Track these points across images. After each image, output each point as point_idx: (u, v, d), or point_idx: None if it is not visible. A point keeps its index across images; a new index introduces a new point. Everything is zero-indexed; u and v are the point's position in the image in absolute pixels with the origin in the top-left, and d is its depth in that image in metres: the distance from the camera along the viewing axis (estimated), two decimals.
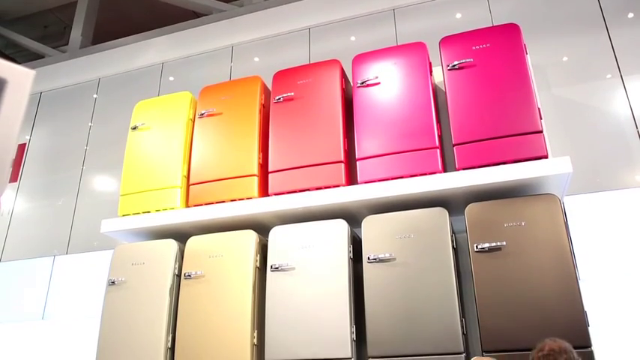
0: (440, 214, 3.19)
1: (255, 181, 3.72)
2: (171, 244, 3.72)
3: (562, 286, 2.87)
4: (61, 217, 5.63)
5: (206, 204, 3.79)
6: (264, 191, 3.72)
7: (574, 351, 2.22)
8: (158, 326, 3.53)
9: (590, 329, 2.81)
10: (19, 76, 1.35)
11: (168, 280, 3.62)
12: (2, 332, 5.19)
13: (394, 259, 3.14)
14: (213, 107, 4.06)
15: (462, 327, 2.96)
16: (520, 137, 3.18)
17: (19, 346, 5.03)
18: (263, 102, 4.02)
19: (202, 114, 4.07)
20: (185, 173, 3.99)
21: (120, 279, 3.74)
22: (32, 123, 6.47)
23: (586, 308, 2.84)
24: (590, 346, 2.77)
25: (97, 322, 3.76)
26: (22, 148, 6.33)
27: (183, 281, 3.58)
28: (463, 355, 2.89)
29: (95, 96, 6.28)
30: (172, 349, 3.48)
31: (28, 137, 6.39)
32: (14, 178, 6.15)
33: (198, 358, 3.33)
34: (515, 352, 2.67)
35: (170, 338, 3.51)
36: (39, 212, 5.85)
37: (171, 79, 5.97)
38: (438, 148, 3.35)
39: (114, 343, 3.61)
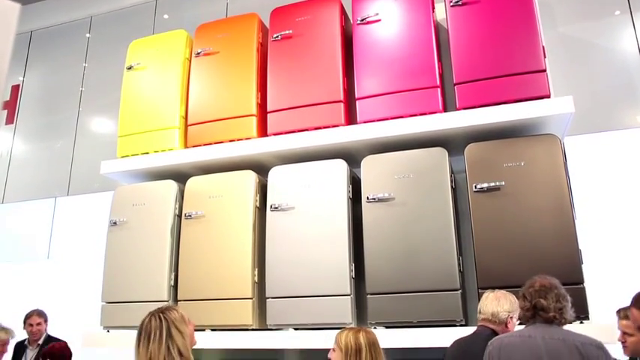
0: (439, 154, 3.18)
1: (254, 121, 3.69)
2: (171, 185, 3.74)
3: (558, 225, 2.90)
4: (60, 159, 5.63)
5: (205, 144, 3.77)
6: (262, 131, 3.69)
7: (562, 287, 2.26)
8: (161, 265, 3.60)
9: (584, 267, 2.87)
10: (4, 9, 1.29)
11: (169, 221, 3.66)
12: (9, 271, 5.31)
13: (393, 198, 3.16)
14: (210, 46, 3.96)
15: (459, 265, 3.02)
16: (523, 76, 3.12)
17: (26, 285, 5.15)
18: (261, 40, 3.92)
19: (199, 53, 3.98)
20: (183, 114, 3.95)
21: (121, 219, 3.78)
22: (25, 63, 6.34)
23: (580, 247, 2.89)
24: (582, 282, 2.84)
25: (101, 262, 3.85)
26: (16, 89, 6.24)
27: (183, 221, 3.62)
28: (459, 292, 2.96)
29: (88, 35, 6.12)
30: (175, 286, 3.57)
31: (21, 78, 6.28)
32: (10, 119, 6.10)
33: (200, 296, 3.41)
34: (510, 289, 2.74)
35: (173, 276, 3.59)
36: (37, 154, 5.84)
37: (165, 16, 5.79)
38: (438, 87, 3.30)
39: (118, 281, 3.70)
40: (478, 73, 3.20)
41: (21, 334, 4.38)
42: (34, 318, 4.24)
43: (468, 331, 2.75)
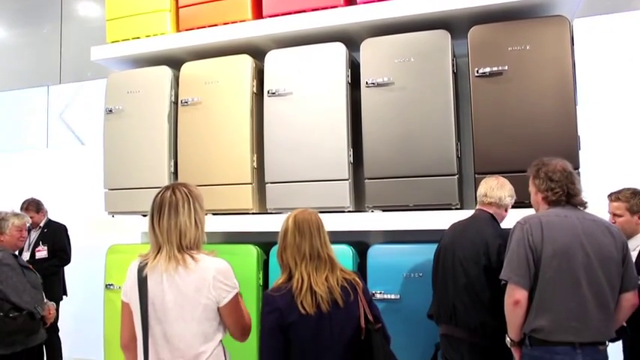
0: (442, 36, 3.06)
1: (249, 1, 3.50)
2: (166, 71, 3.64)
3: (559, 111, 2.87)
4: (48, 45, 5.42)
5: (198, 28, 3.62)
6: (258, 13, 3.52)
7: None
8: (160, 152, 3.61)
9: (581, 153, 2.89)
10: None
11: (165, 107, 3.62)
12: (8, 161, 5.34)
13: (393, 83, 3.09)
14: None
15: (457, 150, 3.03)
16: None
17: (27, 174, 5.21)
18: None
19: None
20: None
21: (117, 107, 3.73)
22: None
23: (579, 133, 2.88)
24: (578, 168, 2.87)
25: (100, 150, 3.86)
26: None
27: (180, 108, 3.58)
28: (456, 177, 3.00)
29: None
30: (175, 173, 3.61)
31: None
32: None
33: (201, 181, 3.44)
34: (506, 174, 2.77)
35: (173, 163, 3.62)
36: (24, 41, 5.61)
37: None
38: None
39: (119, 169, 3.73)
40: None
41: None
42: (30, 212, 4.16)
43: (463, 214, 2.83)
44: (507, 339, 2.13)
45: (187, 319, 1.75)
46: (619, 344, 2.92)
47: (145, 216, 3.72)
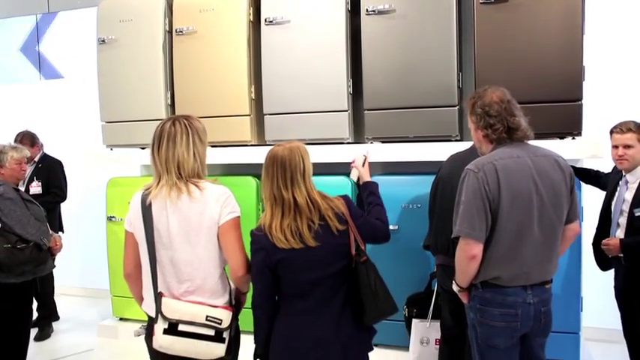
0: None
1: None
2: None
3: (565, 41, 2.80)
4: None
5: None
6: None
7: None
8: (156, 84, 3.55)
9: (585, 84, 2.84)
10: None
11: (159, 37, 3.52)
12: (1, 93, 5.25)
13: (394, 10, 2.99)
14: None
15: (458, 80, 2.98)
16: None
17: (20, 107, 5.12)
18: None
19: None
20: None
21: (110, 37, 3.63)
22: None
23: (585, 63, 2.82)
24: (581, 99, 2.84)
25: (95, 82, 3.78)
26: None
27: (175, 38, 3.48)
28: (457, 108, 2.97)
29: None
30: (173, 105, 3.57)
31: None
32: None
33: (198, 113, 3.33)
34: None
35: (169, 95, 3.56)
36: None
37: None
38: None
39: (115, 101, 3.68)
40: None
41: None
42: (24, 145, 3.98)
43: (463, 146, 2.81)
44: (455, 286, 2.03)
45: (193, 243, 1.77)
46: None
47: (143, 149, 3.71)
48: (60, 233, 3.99)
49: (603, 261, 2.68)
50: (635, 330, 2.57)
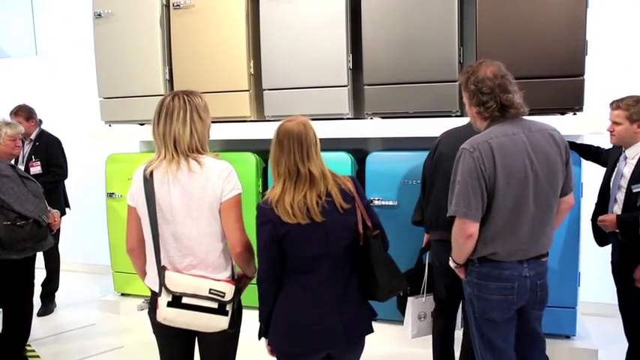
0: None
1: None
2: None
3: (568, 14, 2.77)
4: None
5: None
6: None
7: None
8: (154, 59, 3.51)
9: (587, 58, 2.81)
10: None
11: (157, 11, 3.47)
12: None
13: None
14: None
15: (459, 55, 2.95)
16: None
17: (15, 82, 5.07)
18: None
19: None
20: None
21: (106, 11, 3.57)
22: None
23: (588, 38, 2.79)
24: (582, 74, 2.82)
25: (92, 57, 3.74)
26: None
27: (173, 12, 3.43)
28: (457, 84, 2.94)
29: None
30: (171, 80, 3.53)
31: None
32: None
33: (197, 89, 3.34)
34: None
35: (167, 70, 3.53)
36: None
37: None
38: None
39: (113, 76, 3.64)
40: None
41: None
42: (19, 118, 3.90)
43: (463, 121, 2.79)
44: (452, 262, 2.04)
45: (194, 217, 1.78)
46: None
47: (142, 124, 3.70)
48: (67, 209, 4.01)
49: (601, 237, 2.70)
50: (630, 304, 2.60)
